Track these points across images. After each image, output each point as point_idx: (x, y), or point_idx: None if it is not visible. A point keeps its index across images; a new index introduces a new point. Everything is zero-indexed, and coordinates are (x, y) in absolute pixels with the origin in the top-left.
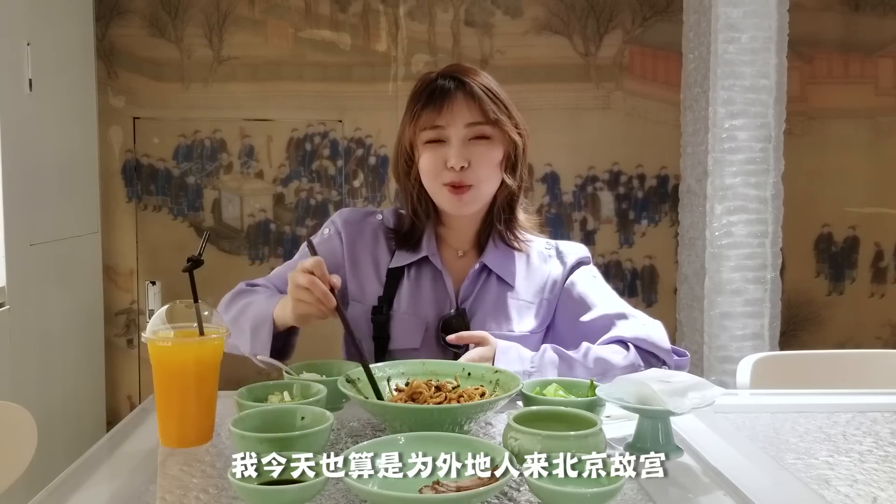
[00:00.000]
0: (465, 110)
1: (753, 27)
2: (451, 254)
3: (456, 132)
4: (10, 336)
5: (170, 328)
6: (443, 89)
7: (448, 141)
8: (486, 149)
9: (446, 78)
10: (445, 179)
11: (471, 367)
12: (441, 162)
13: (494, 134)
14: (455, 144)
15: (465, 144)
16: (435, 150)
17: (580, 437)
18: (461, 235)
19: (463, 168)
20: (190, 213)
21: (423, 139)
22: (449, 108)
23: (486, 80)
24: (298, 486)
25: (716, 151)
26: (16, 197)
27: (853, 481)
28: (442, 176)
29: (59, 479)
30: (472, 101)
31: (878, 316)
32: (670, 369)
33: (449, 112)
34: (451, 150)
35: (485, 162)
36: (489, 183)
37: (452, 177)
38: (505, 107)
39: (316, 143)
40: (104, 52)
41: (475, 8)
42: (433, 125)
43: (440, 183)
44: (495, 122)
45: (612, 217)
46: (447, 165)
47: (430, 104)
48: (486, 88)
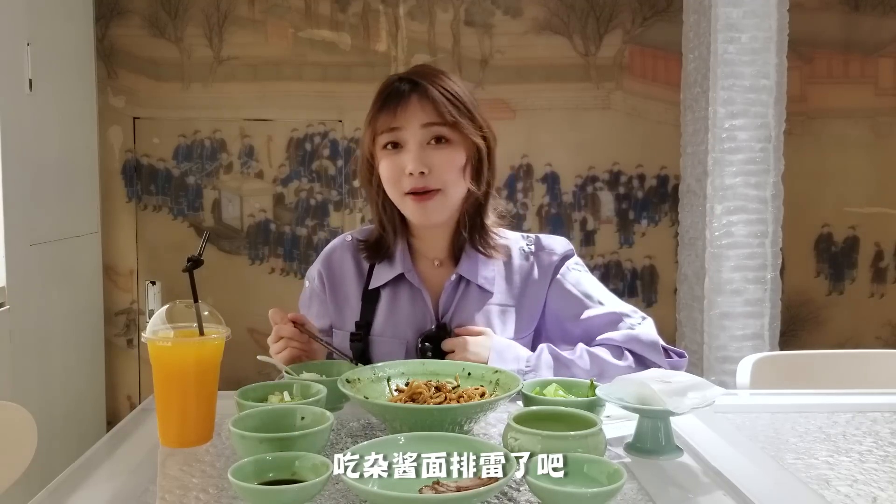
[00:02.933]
0: (420, 111)
1: (753, 27)
2: (427, 264)
3: (412, 134)
4: (10, 336)
5: (170, 328)
6: (398, 91)
7: (405, 145)
8: (447, 152)
9: (403, 80)
10: (406, 187)
11: (471, 367)
12: (400, 168)
13: (454, 137)
14: (412, 148)
15: (424, 148)
16: (393, 156)
17: (580, 437)
18: (434, 245)
19: (423, 174)
20: (190, 213)
21: (381, 143)
22: (403, 109)
23: (447, 82)
24: (298, 486)
25: (716, 151)
26: (16, 197)
27: (853, 481)
28: (402, 184)
29: (59, 479)
30: (427, 102)
31: (878, 316)
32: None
33: (403, 113)
34: (409, 154)
35: (446, 166)
36: (454, 188)
37: (413, 183)
38: (467, 109)
39: (316, 143)
40: (104, 52)
41: (475, 8)
42: (389, 128)
43: (402, 191)
44: (453, 125)
45: (612, 217)
46: (406, 172)
47: (385, 107)
48: (444, 90)
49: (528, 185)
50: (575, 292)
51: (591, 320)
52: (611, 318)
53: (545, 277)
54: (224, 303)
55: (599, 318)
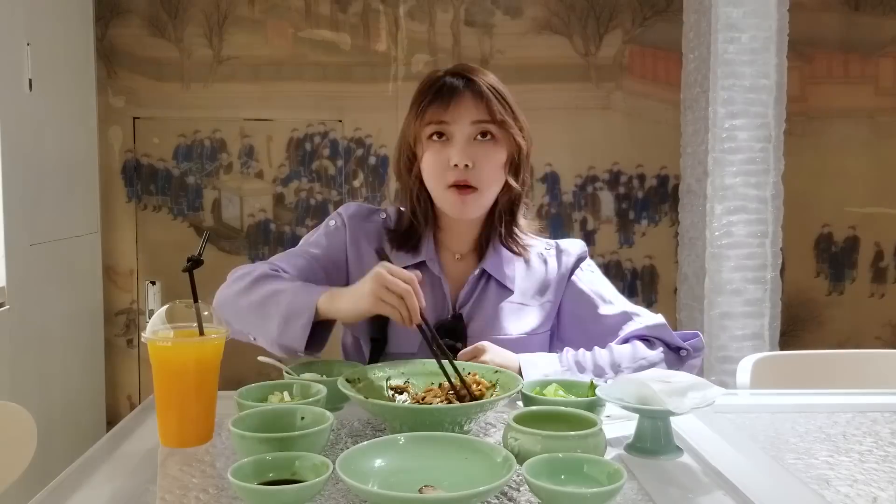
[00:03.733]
0: (472, 107)
1: (753, 27)
2: (449, 257)
3: (461, 129)
4: (10, 336)
5: (170, 328)
6: (450, 86)
7: (452, 138)
8: (491, 149)
9: (454, 76)
10: (449, 180)
11: (471, 368)
12: (445, 160)
13: (499, 135)
14: (459, 142)
15: (470, 143)
16: (439, 148)
17: (580, 437)
18: (460, 239)
19: (467, 167)
20: (190, 213)
21: (427, 134)
22: (456, 104)
23: (493, 80)
24: (298, 486)
25: (716, 151)
26: (16, 197)
27: (853, 481)
28: (445, 176)
29: (59, 479)
30: (479, 99)
31: (878, 316)
32: (691, 354)
33: (455, 108)
34: (455, 147)
35: (489, 162)
36: (492, 186)
37: (456, 176)
38: (511, 109)
39: (316, 143)
40: (104, 52)
41: (475, 8)
42: (439, 120)
43: (444, 184)
44: (501, 123)
45: (612, 217)
46: (451, 164)
47: (436, 100)
48: (493, 88)
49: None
50: (588, 292)
51: (605, 319)
52: (624, 318)
53: (562, 279)
54: None
55: (613, 317)
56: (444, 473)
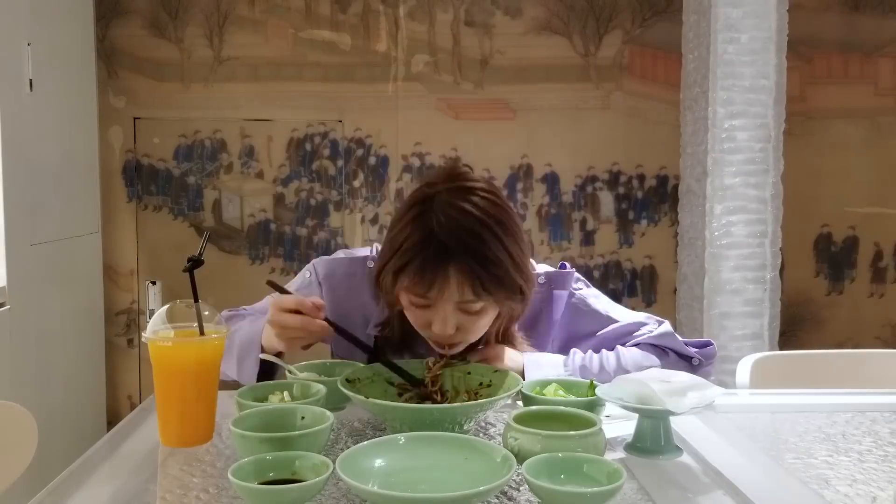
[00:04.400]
0: (455, 290)
1: (753, 27)
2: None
3: (443, 307)
4: (10, 336)
5: (170, 328)
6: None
7: (434, 308)
8: (478, 317)
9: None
10: (432, 337)
11: (471, 368)
12: (426, 322)
13: (487, 302)
14: (441, 316)
15: (454, 313)
16: (420, 311)
17: (580, 436)
18: None
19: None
20: (190, 213)
21: (409, 299)
22: (439, 287)
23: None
24: (298, 486)
25: (715, 151)
26: (16, 197)
27: (853, 481)
28: (427, 333)
29: (59, 479)
30: (464, 280)
31: (878, 316)
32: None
33: (438, 292)
34: (437, 319)
35: (475, 325)
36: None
37: (440, 337)
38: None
39: (316, 143)
40: (104, 52)
41: (475, 8)
42: (421, 294)
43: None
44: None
45: (611, 217)
46: (434, 330)
47: (419, 276)
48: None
49: (527, 185)
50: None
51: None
52: (630, 329)
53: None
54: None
55: (619, 328)
56: (444, 473)
